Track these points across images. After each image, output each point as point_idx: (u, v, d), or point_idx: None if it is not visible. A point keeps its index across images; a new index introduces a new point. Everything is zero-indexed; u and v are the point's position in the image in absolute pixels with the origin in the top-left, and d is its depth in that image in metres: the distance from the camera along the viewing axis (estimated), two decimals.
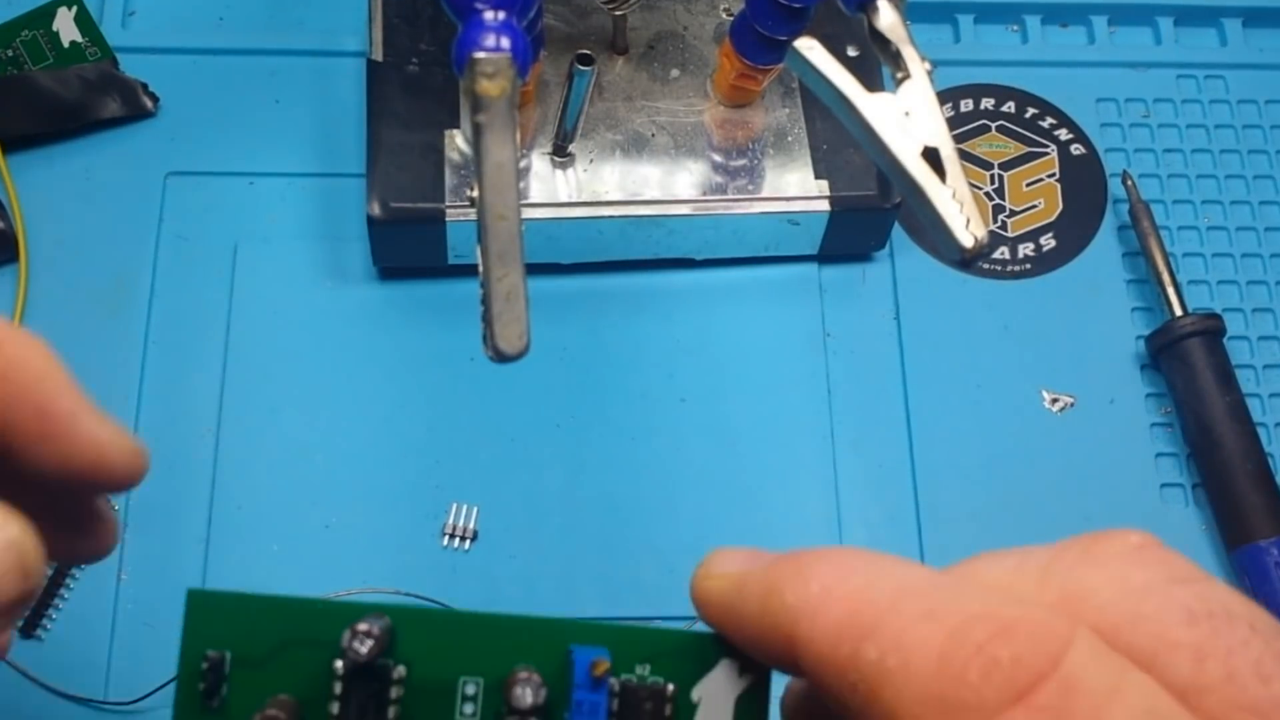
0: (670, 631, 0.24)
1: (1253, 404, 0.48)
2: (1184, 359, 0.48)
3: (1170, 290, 0.49)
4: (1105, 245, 0.52)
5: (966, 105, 0.54)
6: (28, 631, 0.43)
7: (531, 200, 0.46)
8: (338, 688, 0.23)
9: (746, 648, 0.22)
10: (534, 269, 0.49)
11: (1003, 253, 0.51)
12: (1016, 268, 0.51)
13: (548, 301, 0.48)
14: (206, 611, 0.23)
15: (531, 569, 0.45)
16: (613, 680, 0.23)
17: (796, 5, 0.42)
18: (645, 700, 0.23)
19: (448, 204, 0.45)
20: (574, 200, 0.46)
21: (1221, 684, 0.17)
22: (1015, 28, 0.56)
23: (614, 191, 0.46)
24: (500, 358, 0.25)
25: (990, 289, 0.51)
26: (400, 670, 0.23)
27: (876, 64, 0.47)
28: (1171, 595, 0.18)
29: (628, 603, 0.44)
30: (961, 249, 0.30)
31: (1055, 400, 0.49)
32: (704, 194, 0.47)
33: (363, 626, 0.22)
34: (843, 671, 0.18)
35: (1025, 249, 0.52)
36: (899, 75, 0.31)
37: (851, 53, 0.49)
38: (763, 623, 0.20)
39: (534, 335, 0.31)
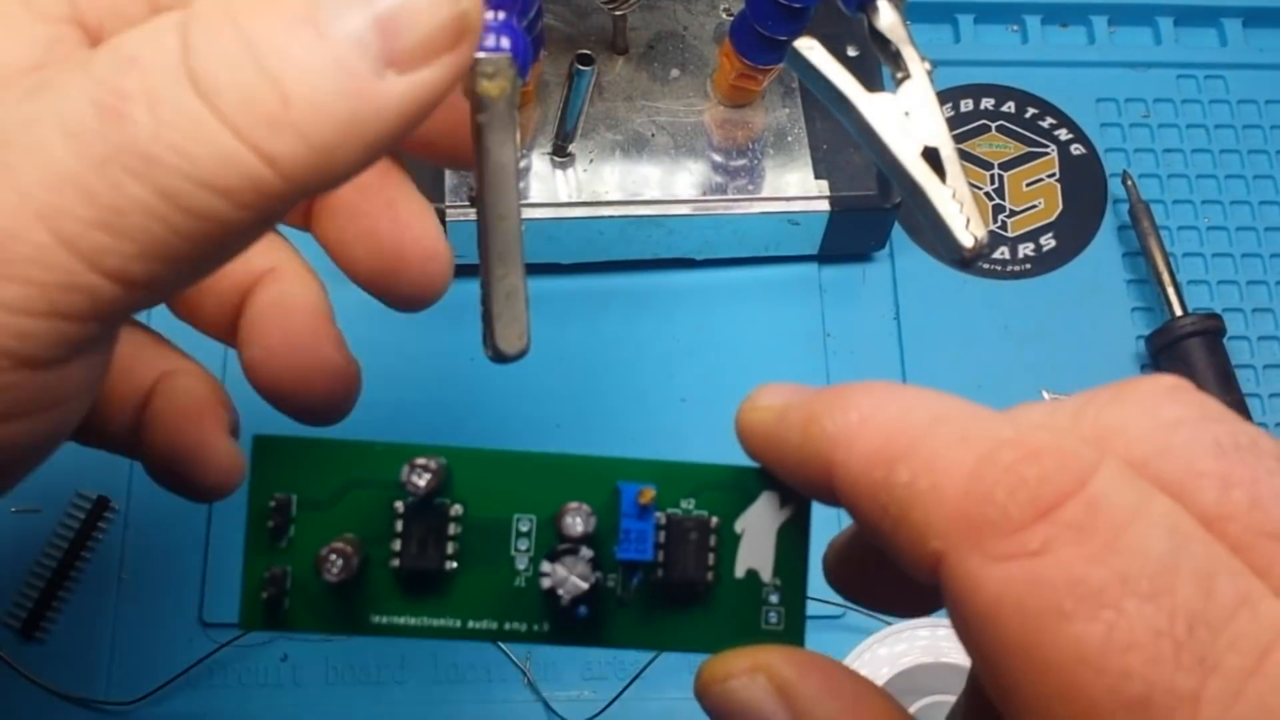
0: (714, 466, 0.24)
1: (1253, 404, 0.48)
2: (1184, 359, 0.48)
3: (1170, 290, 0.49)
4: (1105, 245, 0.52)
5: (966, 105, 0.54)
6: (28, 632, 0.43)
7: (531, 200, 0.46)
8: (399, 525, 0.24)
9: (788, 478, 0.22)
10: (534, 269, 0.49)
11: (1003, 253, 0.51)
12: (1017, 268, 0.51)
13: (548, 301, 0.48)
14: (272, 457, 0.24)
15: None
16: (659, 514, 0.24)
17: (796, 5, 0.42)
18: (690, 530, 0.24)
19: (448, 204, 0.45)
20: (574, 200, 0.46)
21: (1246, 511, 0.18)
22: (1015, 28, 0.56)
23: (614, 191, 0.46)
24: (500, 358, 0.25)
25: (990, 289, 0.51)
26: (457, 509, 0.24)
27: (876, 64, 0.47)
28: (1201, 429, 0.19)
29: None
30: (961, 249, 0.30)
31: (1055, 400, 0.49)
32: (704, 194, 0.47)
33: (420, 461, 0.23)
34: (875, 495, 0.19)
35: (1025, 249, 0.52)
36: (899, 75, 0.31)
37: (851, 53, 0.49)
38: (803, 451, 0.21)
39: (534, 335, 0.31)
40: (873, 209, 0.48)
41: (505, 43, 0.29)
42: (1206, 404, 0.19)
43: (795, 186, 0.47)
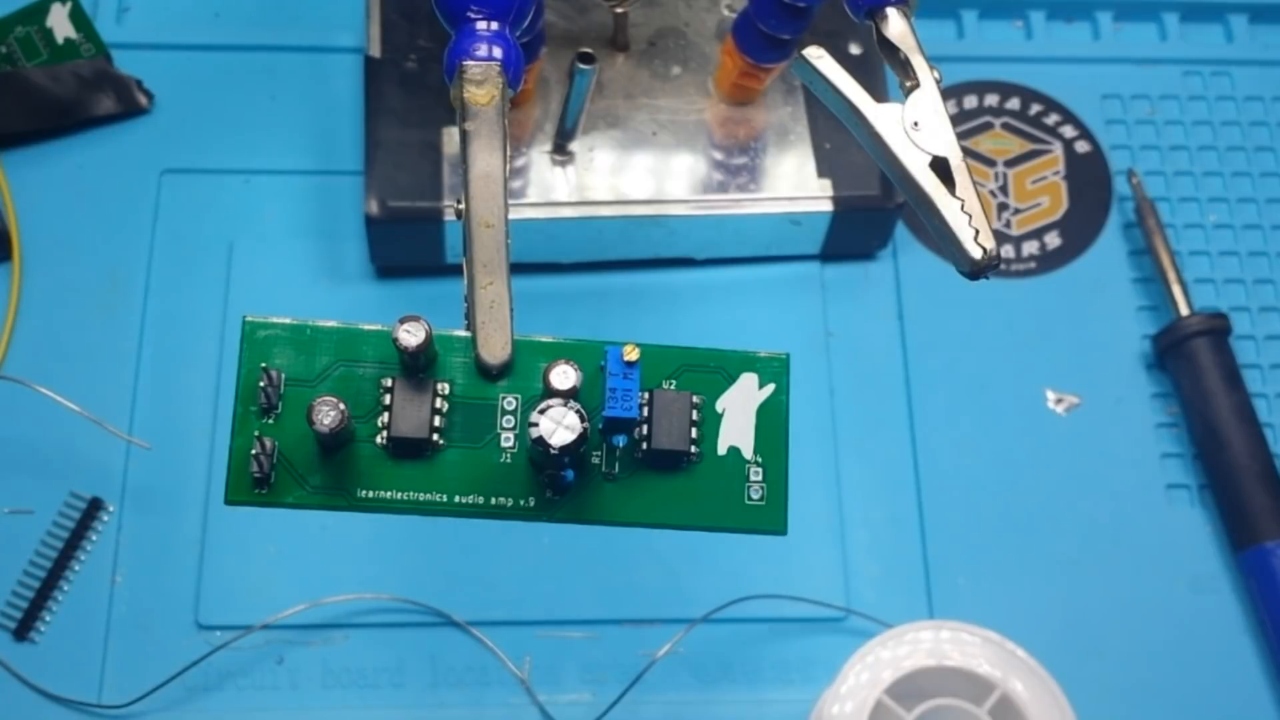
0: (695, 349, 0.25)
1: (1259, 404, 0.48)
2: (1190, 358, 0.47)
3: (1176, 289, 0.48)
4: (1110, 243, 0.51)
5: (970, 102, 0.53)
6: (21, 634, 0.42)
7: (531, 199, 0.46)
8: (387, 399, 0.24)
9: None
10: (534, 268, 0.49)
11: (1007, 251, 0.51)
12: (1021, 266, 0.51)
13: (548, 301, 0.48)
14: (262, 337, 0.24)
15: (530, 572, 0.44)
16: (643, 393, 0.24)
17: (800, 4, 0.41)
18: (674, 401, 0.25)
19: (446, 202, 0.45)
20: (574, 199, 0.46)
21: None
22: (1019, 23, 0.56)
23: (614, 190, 0.46)
24: (483, 368, 0.25)
25: (994, 288, 0.50)
26: (444, 387, 0.25)
27: (879, 63, 0.46)
28: None
29: (627, 605, 0.44)
30: (971, 261, 0.29)
31: (1060, 400, 0.48)
32: (705, 193, 0.46)
33: (410, 323, 0.24)
34: None
35: (1030, 247, 0.51)
36: (908, 84, 0.31)
37: (854, 50, 0.49)
38: None
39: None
40: (876, 209, 0.47)
41: (497, 52, 0.29)
42: None
43: (797, 186, 0.47)
